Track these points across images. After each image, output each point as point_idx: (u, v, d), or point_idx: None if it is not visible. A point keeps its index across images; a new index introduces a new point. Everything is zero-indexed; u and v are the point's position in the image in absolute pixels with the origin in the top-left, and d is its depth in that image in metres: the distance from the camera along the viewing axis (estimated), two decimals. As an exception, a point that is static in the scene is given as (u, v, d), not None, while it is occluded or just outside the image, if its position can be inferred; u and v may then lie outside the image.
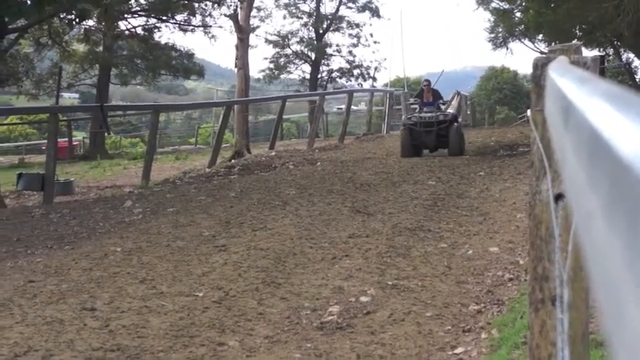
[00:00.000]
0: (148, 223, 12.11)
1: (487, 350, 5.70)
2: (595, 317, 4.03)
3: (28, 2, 16.23)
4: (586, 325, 3.14)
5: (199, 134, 43.52)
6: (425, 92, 22.10)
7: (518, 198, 11.90)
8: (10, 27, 17.72)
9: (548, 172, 3.05)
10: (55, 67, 35.92)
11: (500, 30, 32.03)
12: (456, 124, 20.50)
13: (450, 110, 22.29)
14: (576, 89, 1.26)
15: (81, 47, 35.69)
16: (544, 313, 3.13)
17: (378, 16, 40.10)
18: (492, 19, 31.95)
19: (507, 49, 33.35)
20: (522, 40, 32.53)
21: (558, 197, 2.92)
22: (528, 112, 3.33)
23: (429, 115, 20.66)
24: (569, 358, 2.70)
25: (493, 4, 30.93)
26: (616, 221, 0.68)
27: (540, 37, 30.75)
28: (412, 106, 22.08)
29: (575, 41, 26.83)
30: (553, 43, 20.33)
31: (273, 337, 6.42)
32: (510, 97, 39.85)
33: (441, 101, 21.90)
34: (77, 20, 21.08)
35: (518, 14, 30.47)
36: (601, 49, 30.68)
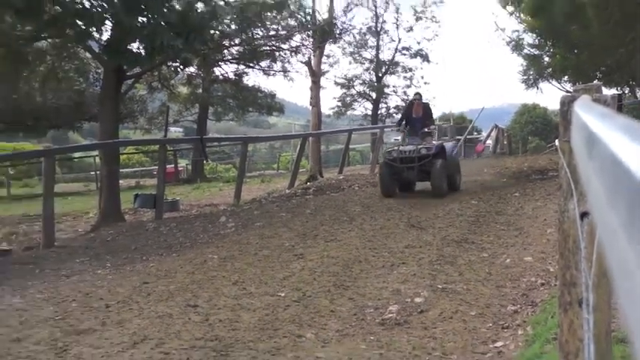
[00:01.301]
0: (239, 235, 12.20)
1: (523, 344, 5.63)
2: (617, 317, 3.97)
3: (143, 53, 16.52)
4: (609, 324, 3.11)
5: (280, 161, 43.73)
6: (415, 106, 16.96)
7: (548, 215, 11.69)
8: (128, 74, 18.04)
9: (574, 193, 3.04)
10: (164, 107, 36.47)
11: (532, 72, 31.63)
12: (441, 159, 15.57)
13: (448, 139, 18.85)
14: (599, 123, 1.27)
15: (184, 90, 36.11)
16: (572, 313, 3.11)
17: (428, 61, 39.80)
18: (525, 63, 31.60)
19: (538, 88, 32.86)
20: (550, 80, 32.04)
21: (583, 215, 2.90)
22: (556, 142, 3.31)
23: (410, 148, 15.80)
24: (594, 353, 2.68)
25: (525, 51, 30.57)
26: (636, 236, 0.70)
27: (566, 78, 30.22)
28: (397, 131, 17.86)
29: (596, 82, 26.52)
30: (577, 84, 19.98)
31: (343, 331, 6.44)
32: (541, 129, 39.23)
33: (427, 129, 16.59)
34: (181, 67, 21.34)
35: (546, 59, 30.07)
36: (618, 88, 30.07)
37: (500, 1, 28.17)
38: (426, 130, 16.51)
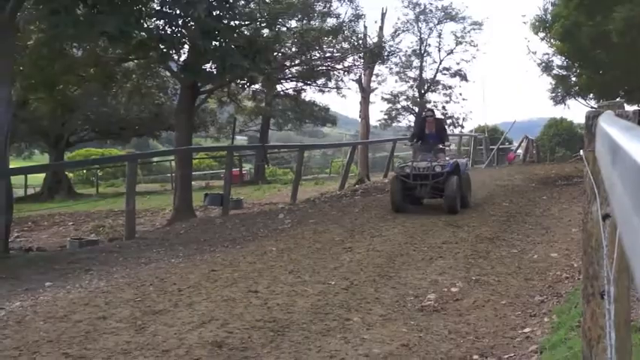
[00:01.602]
0: (295, 230, 12.20)
1: (549, 331, 5.52)
2: (635, 308, 3.87)
3: (215, 72, 16.70)
4: (628, 314, 3.05)
5: (332, 166, 43.57)
6: (427, 123, 14.63)
7: (573, 217, 11.46)
8: (201, 90, 18.22)
9: (597, 197, 3.01)
10: (231, 118, 36.84)
11: (560, 90, 31.15)
12: (455, 177, 13.25)
13: (461, 158, 15.97)
14: (621, 135, 1.23)
15: (250, 103, 36.30)
16: (594, 304, 3.06)
17: (466, 80, 39.15)
18: (553, 82, 31.17)
19: (565, 104, 32.38)
20: (577, 98, 31.47)
21: (605, 217, 2.86)
22: (581, 152, 3.27)
23: (423, 165, 13.45)
24: (615, 340, 2.62)
25: (554, 72, 30.10)
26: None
27: (591, 95, 29.59)
28: (411, 145, 15.17)
29: (618, 99, 26.01)
30: (601, 101, 19.61)
31: (386, 316, 6.39)
32: (567, 140, 38.34)
33: (441, 146, 14.39)
34: (248, 84, 21.50)
35: (573, 79, 29.53)
36: (639, 105, 29.42)
37: (532, 28, 27.81)
38: (440, 146, 14.27)
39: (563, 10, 22.39)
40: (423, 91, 39.25)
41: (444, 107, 40.11)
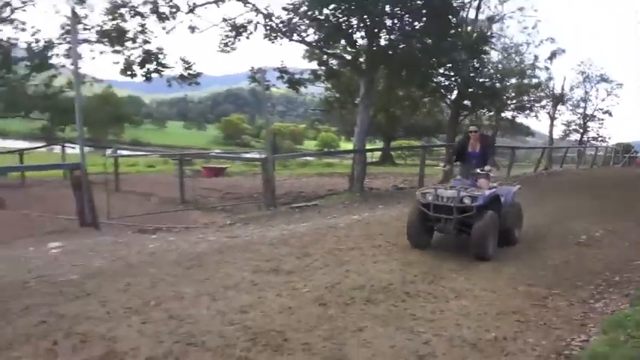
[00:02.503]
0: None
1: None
2: None
3: (470, 105, 16.06)
4: None
5: (530, 159, 38.30)
6: (472, 140, 5.32)
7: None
8: (462, 114, 17.57)
9: None
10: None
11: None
12: (490, 213, 4.71)
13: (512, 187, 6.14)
14: None
15: (486, 122, 33.50)
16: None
17: (611, 115, 32.19)
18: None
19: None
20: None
21: None
22: None
23: (450, 194, 4.75)
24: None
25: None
26: None
27: None
28: (443, 168, 5.92)
29: None
30: None
31: (556, 246, 5.79)
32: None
33: (481, 170, 5.04)
34: (487, 112, 20.12)
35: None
36: None
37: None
38: (479, 171, 5.18)
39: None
40: (585, 120, 33.33)
41: (597, 131, 33.78)
